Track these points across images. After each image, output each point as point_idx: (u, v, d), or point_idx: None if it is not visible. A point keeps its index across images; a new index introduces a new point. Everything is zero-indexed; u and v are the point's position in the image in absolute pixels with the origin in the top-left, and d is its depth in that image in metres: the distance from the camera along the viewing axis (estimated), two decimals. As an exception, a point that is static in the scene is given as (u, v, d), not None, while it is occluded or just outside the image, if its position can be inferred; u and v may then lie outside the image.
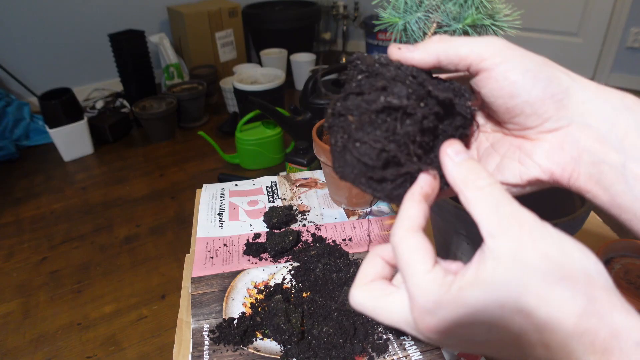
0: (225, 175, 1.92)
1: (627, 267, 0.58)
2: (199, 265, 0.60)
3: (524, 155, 0.28)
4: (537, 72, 0.25)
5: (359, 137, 0.26)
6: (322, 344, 0.49)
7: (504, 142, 0.30)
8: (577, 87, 0.26)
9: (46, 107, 1.95)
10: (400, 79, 0.26)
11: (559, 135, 0.26)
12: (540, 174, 0.27)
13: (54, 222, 1.69)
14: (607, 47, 2.60)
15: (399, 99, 0.25)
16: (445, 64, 0.27)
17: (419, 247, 0.23)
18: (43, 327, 1.26)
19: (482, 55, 0.26)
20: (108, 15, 2.56)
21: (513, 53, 0.26)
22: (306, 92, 1.67)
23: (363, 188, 0.28)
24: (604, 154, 0.25)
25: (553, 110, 0.26)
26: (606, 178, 0.25)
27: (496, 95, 0.26)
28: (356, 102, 0.27)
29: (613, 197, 0.25)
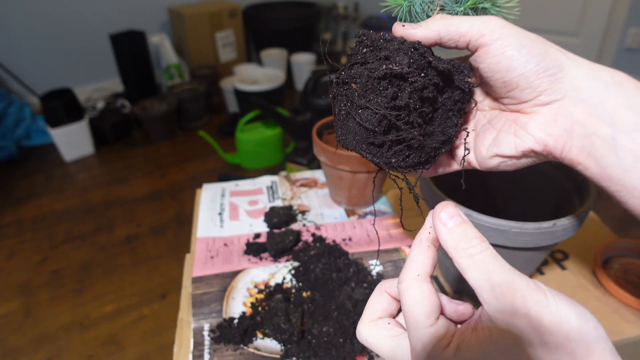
0: (226, 175, 1.92)
1: (626, 267, 0.59)
2: (199, 264, 0.60)
3: (519, 128, 0.29)
4: (532, 48, 0.27)
5: (361, 103, 0.28)
6: (322, 343, 0.49)
7: (500, 117, 0.31)
8: (571, 63, 0.27)
9: (47, 107, 1.95)
10: (402, 50, 0.28)
11: (552, 109, 0.27)
12: (534, 145, 0.28)
13: (55, 222, 1.70)
14: (605, 48, 2.60)
15: (400, 66, 0.27)
16: (446, 40, 0.29)
17: (424, 298, 0.24)
18: (44, 326, 1.27)
19: (480, 31, 0.27)
20: (109, 15, 2.56)
21: (510, 30, 0.27)
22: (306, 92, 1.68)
23: (364, 154, 0.29)
24: (596, 127, 0.26)
25: (547, 84, 0.27)
26: (597, 150, 0.26)
27: (493, 69, 0.28)
28: (360, 71, 0.28)
29: (603, 169, 0.26)
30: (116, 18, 2.57)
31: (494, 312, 0.22)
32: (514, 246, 0.44)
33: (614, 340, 0.49)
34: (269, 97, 2.04)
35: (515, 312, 0.21)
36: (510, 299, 0.21)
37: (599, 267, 0.57)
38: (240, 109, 2.20)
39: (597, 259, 0.58)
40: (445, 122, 0.31)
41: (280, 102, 2.17)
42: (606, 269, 0.58)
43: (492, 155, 0.31)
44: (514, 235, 0.42)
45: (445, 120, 0.31)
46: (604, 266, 0.59)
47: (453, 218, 0.25)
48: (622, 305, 0.53)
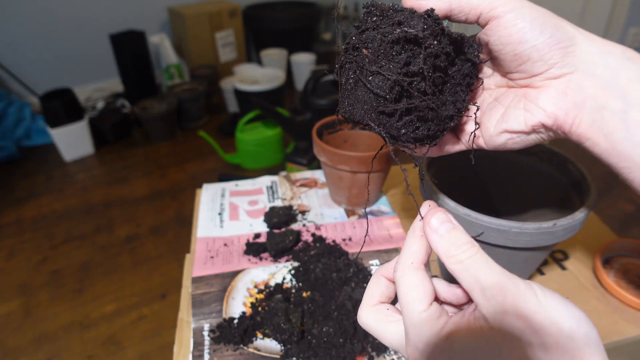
0: (226, 175, 1.92)
1: (626, 267, 0.59)
2: (199, 265, 0.60)
3: (529, 102, 0.29)
4: (544, 20, 0.27)
5: (372, 69, 0.27)
6: (322, 343, 0.49)
7: (508, 94, 0.31)
8: (582, 38, 0.27)
9: (47, 107, 1.95)
10: (416, 16, 0.27)
11: (563, 82, 0.27)
12: (545, 119, 0.28)
13: (55, 222, 1.70)
14: (607, 47, 2.60)
15: (415, 30, 0.26)
16: (457, 12, 0.28)
17: (418, 285, 0.25)
18: (44, 326, 1.27)
19: (492, 4, 0.27)
20: (109, 15, 2.56)
21: (521, 3, 0.27)
22: (306, 92, 1.68)
23: (372, 125, 0.28)
24: (606, 100, 0.25)
25: (559, 57, 0.27)
26: (607, 124, 0.26)
27: (505, 42, 0.28)
28: (372, 35, 0.27)
29: (613, 144, 0.26)
30: (116, 18, 2.57)
31: (487, 314, 0.22)
32: (514, 246, 0.44)
33: (614, 340, 0.49)
34: (269, 97, 2.04)
35: (506, 313, 0.21)
36: (501, 300, 0.22)
37: (599, 267, 0.57)
38: (240, 109, 2.20)
39: (597, 259, 0.58)
40: (454, 96, 0.31)
41: (280, 102, 2.17)
42: (606, 269, 0.58)
43: (501, 131, 0.30)
44: (514, 235, 0.42)
45: (454, 94, 0.31)
46: (604, 266, 0.59)
47: (443, 224, 0.25)
48: (623, 305, 0.53)
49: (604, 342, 0.49)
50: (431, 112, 0.28)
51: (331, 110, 1.70)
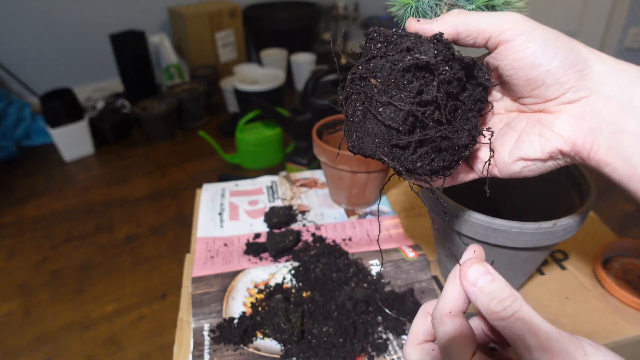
0: (226, 175, 1.92)
1: (626, 267, 0.59)
2: (199, 265, 0.60)
3: (544, 128, 0.28)
4: (557, 42, 0.25)
5: (383, 100, 0.25)
6: (322, 343, 0.49)
7: (520, 119, 0.30)
8: (595, 59, 0.26)
9: (47, 107, 1.95)
10: (425, 41, 0.25)
11: (579, 106, 0.26)
12: (562, 145, 0.27)
13: (55, 222, 1.70)
14: (606, 48, 2.60)
15: (427, 56, 0.24)
16: (464, 36, 0.27)
17: (457, 336, 0.24)
18: (44, 326, 1.27)
19: (501, 27, 0.26)
20: (109, 15, 2.56)
21: (531, 24, 0.26)
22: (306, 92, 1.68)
23: (385, 160, 0.26)
24: (624, 123, 0.24)
25: (575, 80, 0.26)
26: (626, 148, 0.24)
27: (517, 66, 0.26)
28: (380, 63, 0.26)
29: (634, 168, 0.24)
30: (116, 18, 2.57)
31: None
32: (514, 246, 0.44)
33: (614, 340, 0.49)
34: (269, 97, 2.04)
35: None
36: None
37: (599, 267, 0.57)
38: (240, 109, 2.20)
39: (597, 259, 0.58)
40: (466, 123, 0.29)
41: (280, 102, 2.17)
42: (606, 269, 0.58)
43: (516, 159, 0.29)
44: (514, 235, 0.42)
45: (466, 120, 0.29)
46: (604, 266, 0.59)
47: (482, 276, 0.24)
48: (623, 305, 0.53)
49: (604, 342, 0.49)
50: (446, 141, 0.27)
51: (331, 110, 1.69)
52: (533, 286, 0.57)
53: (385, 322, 0.52)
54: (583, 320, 0.52)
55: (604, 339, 0.50)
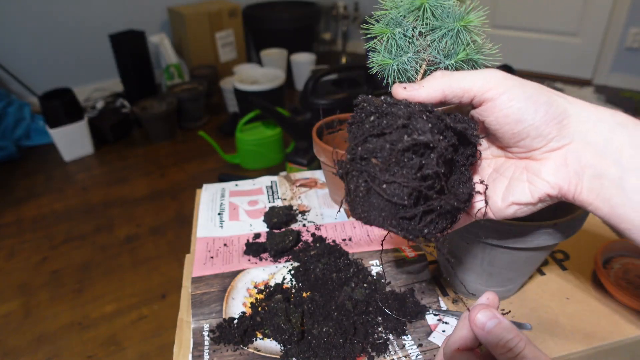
0: (226, 175, 1.92)
1: (627, 267, 0.59)
2: (199, 265, 0.60)
3: (532, 175, 0.30)
4: (537, 97, 0.27)
5: (386, 178, 0.26)
6: (322, 343, 0.49)
7: (508, 165, 0.32)
8: (573, 108, 0.28)
9: (47, 107, 1.95)
10: (417, 115, 0.27)
11: (562, 153, 0.28)
12: (550, 190, 0.29)
13: (55, 222, 1.70)
14: (606, 48, 2.60)
15: (424, 134, 0.26)
16: (450, 97, 0.29)
17: None
18: (44, 326, 1.26)
19: (484, 86, 0.28)
20: (108, 15, 2.56)
21: (512, 82, 0.28)
22: (306, 92, 1.68)
23: (395, 230, 0.28)
24: (604, 167, 0.26)
25: (556, 131, 0.28)
26: (606, 191, 0.26)
27: (502, 122, 0.28)
28: (380, 144, 0.27)
29: (613, 208, 0.26)
30: (116, 18, 2.57)
31: None
32: (515, 246, 0.44)
33: (615, 341, 0.49)
34: (269, 97, 2.04)
35: None
36: None
37: (599, 268, 0.57)
38: (240, 109, 2.20)
39: (597, 259, 0.58)
40: (460, 178, 0.31)
41: (280, 102, 2.17)
42: (607, 269, 0.58)
43: (509, 204, 0.31)
44: (515, 236, 0.42)
45: (460, 176, 0.31)
46: (604, 266, 0.59)
47: (490, 320, 0.27)
48: (623, 305, 0.53)
49: (604, 343, 0.49)
50: (448, 206, 0.28)
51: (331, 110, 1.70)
52: (533, 286, 0.57)
53: (385, 322, 0.52)
54: (583, 321, 0.52)
55: (604, 339, 0.50)
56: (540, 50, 2.79)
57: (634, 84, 2.60)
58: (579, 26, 2.63)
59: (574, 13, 2.61)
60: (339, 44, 3.50)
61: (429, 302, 0.54)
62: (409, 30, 0.31)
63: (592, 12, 2.56)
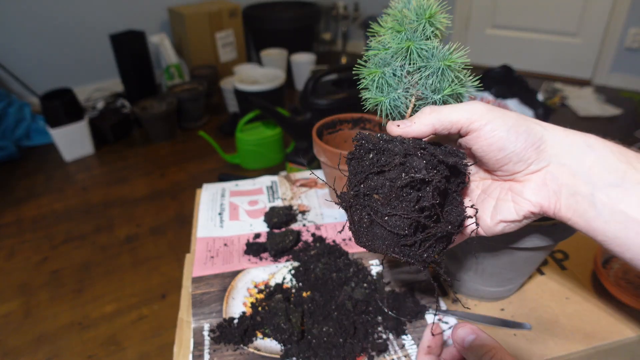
0: (226, 175, 1.92)
1: (626, 267, 0.59)
2: (199, 265, 0.60)
3: (516, 195, 0.33)
4: (517, 127, 0.30)
5: (387, 212, 0.30)
6: (322, 343, 0.49)
7: (494, 187, 0.35)
8: (549, 134, 0.31)
9: (47, 107, 1.95)
10: (413, 153, 0.30)
11: (541, 175, 0.31)
12: (532, 208, 0.32)
13: (55, 222, 1.70)
14: (605, 48, 2.60)
15: (420, 172, 0.29)
16: (440, 130, 0.32)
17: None
18: (44, 326, 1.27)
19: (470, 119, 0.31)
20: (109, 15, 2.56)
21: (494, 114, 0.31)
22: (306, 92, 1.68)
23: (398, 257, 0.31)
24: (577, 186, 0.29)
25: (535, 155, 0.31)
26: (580, 207, 0.29)
27: (486, 150, 0.31)
28: (380, 182, 0.30)
29: (588, 223, 0.29)
30: (116, 18, 2.57)
31: None
32: (514, 246, 0.44)
33: (614, 340, 0.50)
34: (269, 97, 2.04)
35: None
36: None
37: (599, 268, 0.57)
38: (240, 109, 2.20)
39: (597, 259, 0.58)
40: (452, 203, 0.34)
41: (280, 102, 2.17)
42: (606, 269, 0.58)
43: (497, 222, 0.34)
44: (514, 236, 0.42)
45: (452, 201, 0.34)
46: (604, 266, 0.59)
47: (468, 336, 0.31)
48: (623, 305, 0.53)
49: (603, 342, 0.49)
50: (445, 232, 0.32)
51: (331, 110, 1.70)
52: (533, 286, 0.57)
53: (385, 322, 0.52)
54: (583, 320, 0.52)
55: (604, 339, 0.50)
56: (540, 50, 2.79)
57: (634, 84, 2.60)
58: (579, 26, 2.63)
59: (573, 13, 2.61)
60: (339, 44, 3.50)
61: (429, 302, 0.54)
62: (397, 70, 0.35)
63: (591, 12, 2.56)
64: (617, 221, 0.28)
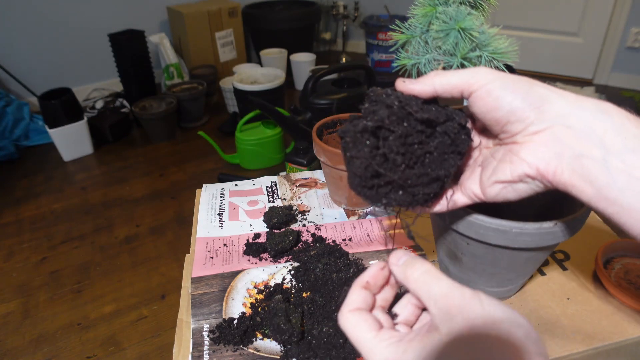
0: (225, 175, 1.92)
1: (627, 267, 0.58)
2: (199, 265, 0.60)
3: (513, 155, 0.32)
4: (515, 87, 0.30)
5: (352, 154, 0.32)
6: (322, 344, 0.49)
7: (499, 150, 0.35)
8: (555, 97, 0.30)
9: (46, 107, 1.95)
10: (387, 104, 0.32)
11: (543, 136, 0.30)
12: (527, 169, 0.31)
13: (54, 222, 1.69)
14: (607, 47, 2.60)
15: (375, 121, 0.31)
16: (442, 92, 0.33)
17: (359, 322, 0.29)
18: (43, 327, 1.26)
19: (469, 81, 0.31)
20: (108, 15, 2.56)
21: (494, 75, 0.31)
22: (306, 92, 1.67)
23: (361, 196, 0.34)
24: (585, 149, 0.28)
25: (534, 116, 0.30)
26: (590, 172, 0.27)
27: (484, 110, 0.32)
28: (348, 127, 0.33)
29: (599, 190, 0.27)
30: (115, 17, 2.57)
31: (439, 322, 0.26)
32: (515, 246, 0.43)
33: (615, 341, 0.49)
34: (269, 97, 2.04)
35: (453, 319, 0.25)
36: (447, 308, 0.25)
37: (600, 268, 0.57)
38: (240, 108, 2.20)
39: (598, 259, 0.58)
40: (442, 164, 0.35)
41: (280, 102, 2.17)
42: (607, 269, 0.58)
43: (492, 182, 0.34)
44: (515, 236, 0.42)
45: (442, 162, 0.35)
46: (605, 267, 0.58)
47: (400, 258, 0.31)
48: (624, 306, 0.53)
49: (604, 343, 0.49)
50: (402, 182, 0.33)
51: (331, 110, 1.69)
52: (534, 286, 0.57)
53: (386, 323, 0.52)
54: (584, 321, 0.52)
55: (604, 339, 0.49)
56: (541, 50, 2.78)
57: (635, 83, 2.60)
58: (580, 26, 2.63)
59: (575, 13, 2.61)
60: (339, 43, 3.50)
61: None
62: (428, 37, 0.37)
63: (593, 11, 2.56)
64: (634, 190, 0.26)
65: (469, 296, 0.25)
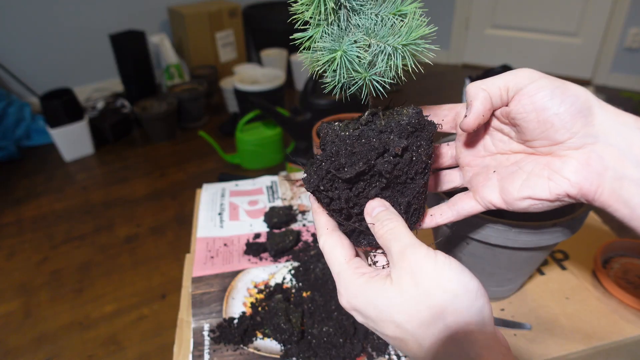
0: (226, 175, 1.92)
1: (626, 267, 0.59)
2: (199, 265, 0.60)
3: (552, 172, 0.30)
4: (564, 89, 0.29)
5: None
6: (322, 343, 0.49)
7: (528, 160, 0.32)
8: (598, 107, 0.28)
9: (47, 107, 1.95)
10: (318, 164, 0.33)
11: (585, 153, 0.28)
12: (569, 189, 0.29)
13: (55, 222, 1.70)
14: (606, 48, 2.60)
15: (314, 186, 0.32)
16: (495, 101, 0.31)
17: (337, 243, 0.32)
18: (44, 326, 1.27)
19: (514, 79, 0.30)
20: (109, 15, 2.56)
21: (540, 75, 0.30)
22: (306, 92, 1.68)
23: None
24: (625, 169, 0.27)
25: (580, 126, 0.28)
26: (626, 192, 0.27)
27: (529, 109, 0.30)
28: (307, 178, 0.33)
29: (633, 210, 0.27)
30: (116, 18, 2.57)
31: (392, 273, 0.28)
32: (515, 246, 0.44)
33: (614, 340, 0.49)
34: (269, 97, 2.04)
35: (403, 274, 0.27)
36: (402, 263, 0.27)
37: (599, 267, 0.57)
38: (240, 109, 2.20)
39: (597, 259, 0.58)
40: (403, 194, 0.33)
41: (280, 102, 2.17)
42: (606, 269, 0.58)
43: (524, 197, 0.31)
44: (515, 235, 0.42)
45: (400, 193, 0.33)
46: (604, 266, 0.59)
47: (375, 209, 0.32)
48: (622, 305, 0.53)
49: (603, 342, 0.49)
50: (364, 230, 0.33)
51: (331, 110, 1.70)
52: (533, 286, 0.57)
53: (385, 322, 0.52)
54: (583, 320, 0.52)
55: (603, 339, 0.50)
56: (540, 50, 2.79)
57: (634, 84, 2.60)
58: (579, 26, 2.63)
59: (573, 13, 2.61)
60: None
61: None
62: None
63: (592, 12, 2.56)
64: None
65: (422, 256, 0.27)
